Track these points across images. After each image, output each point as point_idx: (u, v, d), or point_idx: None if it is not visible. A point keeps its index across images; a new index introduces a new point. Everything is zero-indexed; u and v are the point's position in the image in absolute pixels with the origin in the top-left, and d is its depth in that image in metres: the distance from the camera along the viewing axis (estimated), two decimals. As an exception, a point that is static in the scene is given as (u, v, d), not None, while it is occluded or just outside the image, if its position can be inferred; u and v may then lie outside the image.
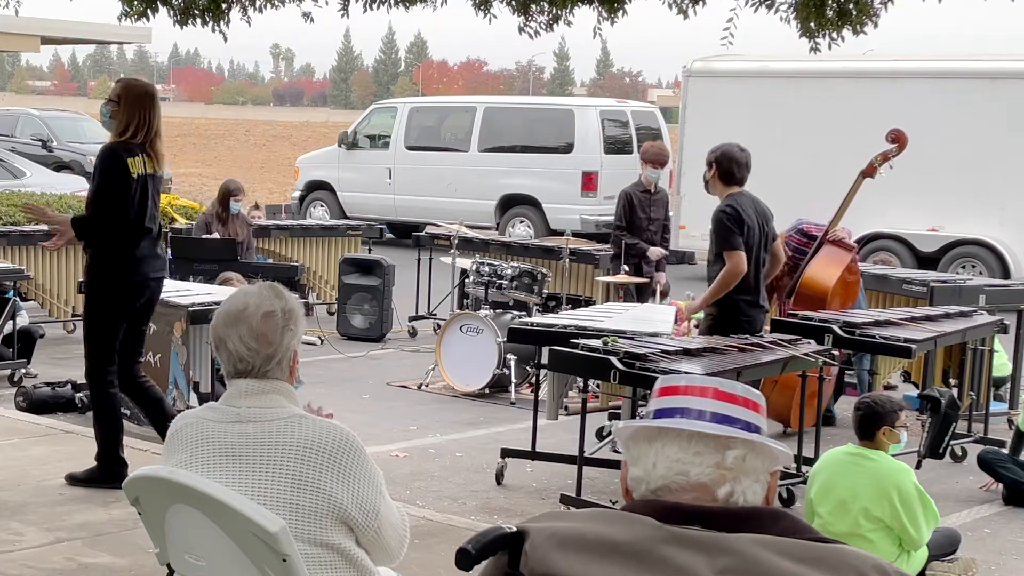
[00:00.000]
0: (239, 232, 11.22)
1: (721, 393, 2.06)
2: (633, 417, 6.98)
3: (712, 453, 2.02)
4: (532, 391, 7.89)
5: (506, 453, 7.15)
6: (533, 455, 7.21)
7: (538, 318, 8.46)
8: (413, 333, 11.80)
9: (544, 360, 7.13)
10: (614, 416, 7.70)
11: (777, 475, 2.08)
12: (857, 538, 5.18)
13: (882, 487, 5.27)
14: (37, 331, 9.94)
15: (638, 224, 9.85)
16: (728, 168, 7.13)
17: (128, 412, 7.95)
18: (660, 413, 2.07)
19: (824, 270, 8.30)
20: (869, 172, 8.36)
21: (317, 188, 21.19)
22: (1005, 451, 7.30)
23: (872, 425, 5.44)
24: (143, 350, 6.52)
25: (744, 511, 1.99)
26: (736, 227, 6.99)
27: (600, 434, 7.78)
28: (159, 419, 6.42)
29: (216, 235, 11.08)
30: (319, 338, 10.65)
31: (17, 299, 9.63)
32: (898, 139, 8.33)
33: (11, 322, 9.30)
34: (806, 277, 8.32)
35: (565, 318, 7.88)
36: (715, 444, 2.02)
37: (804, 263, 8.35)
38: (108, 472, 6.26)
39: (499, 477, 7.04)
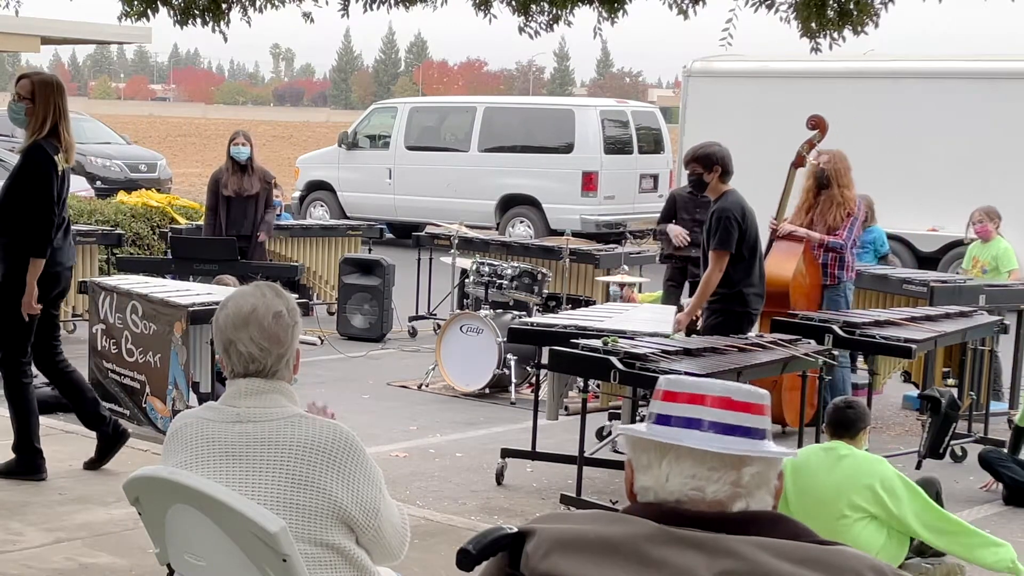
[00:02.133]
0: (253, 185, 10.83)
1: (733, 403, 2.01)
2: (633, 418, 6.99)
3: (728, 470, 1.98)
4: (532, 391, 7.89)
5: (506, 453, 7.15)
6: (533, 455, 7.21)
7: (538, 318, 8.45)
8: (413, 333, 11.79)
9: (544, 360, 7.14)
10: (614, 416, 7.70)
11: (782, 477, 2.07)
12: (840, 531, 5.20)
13: (862, 479, 5.31)
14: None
15: (682, 226, 9.59)
16: (728, 167, 7.36)
17: (128, 412, 7.97)
18: (665, 419, 2.04)
19: (780, 265, 8.38)
20: (799, 163, 8.54)
21: (317, 188, 21.18)
22: (1005, 450, 7.30)
23: (859, 423, 5.49)
24: (58, 334, 6.67)
25: (743, 515, 1.99)
26: (737, 228, 7.17)
27: (600, 434, 7.78)
28: (79, 404, 6.60)
29: (231, 193, 10.72)
30: (319, 338, 10.65)
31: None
32: (818, 124, 8.58)
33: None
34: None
35: (565, 318, 7.88)
36: (731, 461, 1.99)
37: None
38: (25, 464, 6.36)
39: (499, 477, 7.04)
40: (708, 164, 7.30)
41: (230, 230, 10.81)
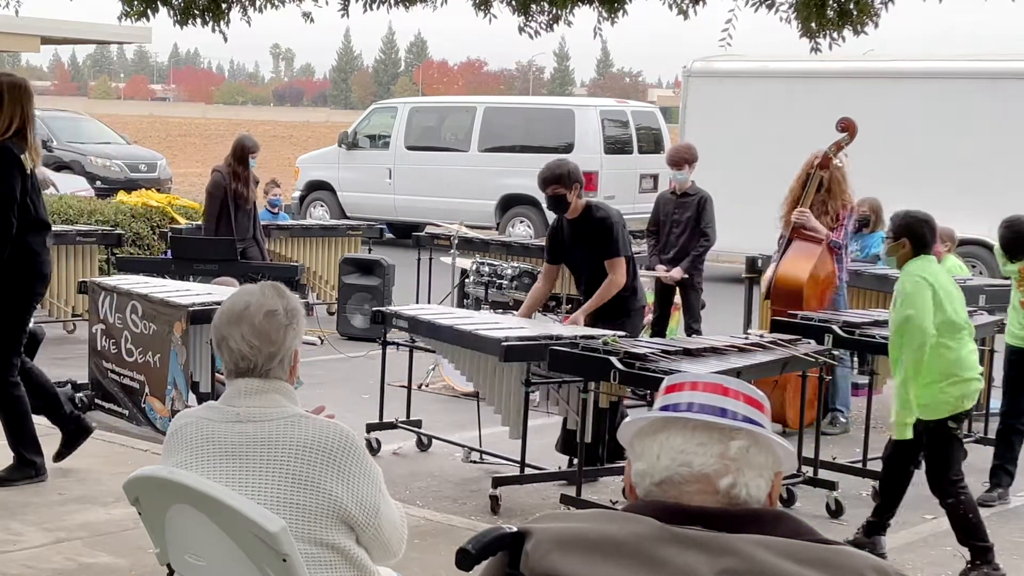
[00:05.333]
0: (254, 192, 11.04)
1: (726, 389, 2.08)
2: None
3: (716, 443, 2.03)
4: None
5: (498, 483, 6.70)
6: (522, 479, 6.83)
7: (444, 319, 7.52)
8: (413, 333, 11.78)
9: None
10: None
11: (781, 476, 2.08)
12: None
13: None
14: (41, 332, 9.90)
15: (663, 227, 9.72)
16: (583, 182, 7.37)
17: (126, 412, 7.96)
18: (665, 409, 2.09)
19: (796, 264, 8.38)
20: (824, 164, 8.46)
21: (317, 188, 21.18)
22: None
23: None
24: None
25: (745, 512, 2.00)
26: (625, 231, 7.25)
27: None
28: (44, 404, 6.56)
29: (242, 202, 10.73)
30: (319, 338, 10.64)
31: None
32: (848, 127, 8.51)
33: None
34: (780, 274, 8.40)
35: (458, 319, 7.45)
36: (719, 435, 2.04)
37: (776, 261, 8.47)
38: (24, 467, 6.33)
39: (495, 507, 6.62)
40: (569, 183, 7.25)
41: (238, 235, 10.82)
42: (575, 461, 6.86)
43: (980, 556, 5.83)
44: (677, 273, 9.52)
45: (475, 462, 7.46)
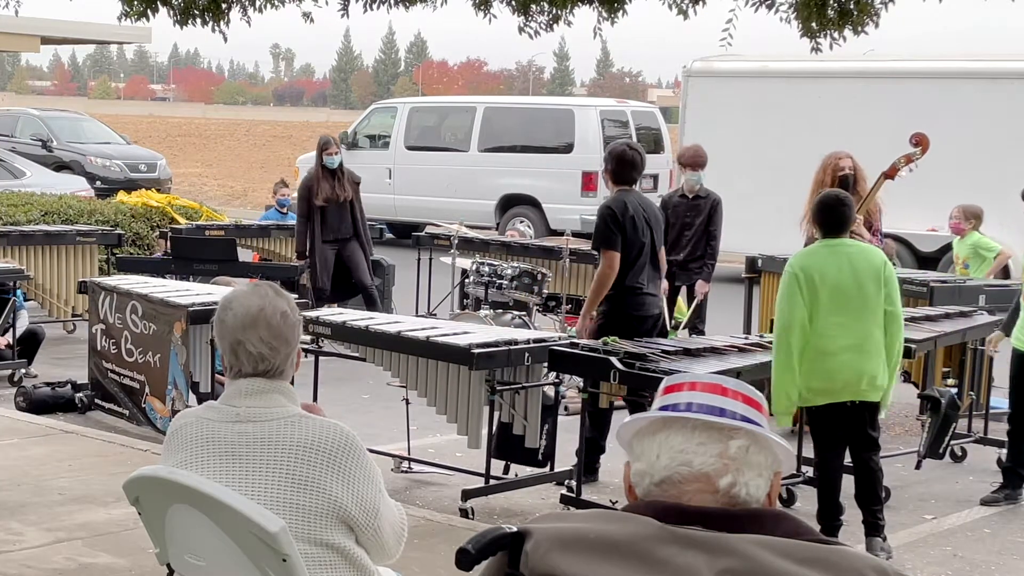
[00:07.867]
0: (345, 190, 11.23)
1: (725, 389, 2.08)
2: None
3: (715, 443, 2.03)
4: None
5: (467, 496, 6.53)
6: (488, 489, 6.64)
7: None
8: (413, 333, 11.77)
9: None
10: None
11: (780, 476, 2.08)
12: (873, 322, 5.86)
13: (871, 267, 5.92)
14: (41, 332, 9.92)
15: (672, 230, 9.49)
16: (615, 169, 7.27)
17: (126, 412, 7.97)
18: (664, 409, 2.09)
19: None
20: (890, 174, 8.36)
21: (317, 188, 21.14)
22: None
23: (850, 220, 6.03)
24: None
25: (745, 512, 2.00)
26: (615, 228, 7.09)
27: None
28: None
29: (322, 202, 10.99)
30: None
31: (22, 299, 9.66)
32: (921, 142, 8.36)
33: (12, 321, 9.29)
34: None
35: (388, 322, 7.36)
36: (719, 434, 2.04)
37: None
38: None
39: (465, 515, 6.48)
40: (604, 161, 7.36)
41: (327, 235, 11.08)
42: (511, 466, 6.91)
43: None
44: (705, 287, 9.64)
45: (406, 472, 7.28)
